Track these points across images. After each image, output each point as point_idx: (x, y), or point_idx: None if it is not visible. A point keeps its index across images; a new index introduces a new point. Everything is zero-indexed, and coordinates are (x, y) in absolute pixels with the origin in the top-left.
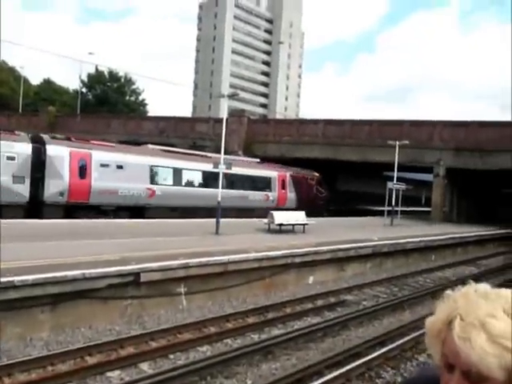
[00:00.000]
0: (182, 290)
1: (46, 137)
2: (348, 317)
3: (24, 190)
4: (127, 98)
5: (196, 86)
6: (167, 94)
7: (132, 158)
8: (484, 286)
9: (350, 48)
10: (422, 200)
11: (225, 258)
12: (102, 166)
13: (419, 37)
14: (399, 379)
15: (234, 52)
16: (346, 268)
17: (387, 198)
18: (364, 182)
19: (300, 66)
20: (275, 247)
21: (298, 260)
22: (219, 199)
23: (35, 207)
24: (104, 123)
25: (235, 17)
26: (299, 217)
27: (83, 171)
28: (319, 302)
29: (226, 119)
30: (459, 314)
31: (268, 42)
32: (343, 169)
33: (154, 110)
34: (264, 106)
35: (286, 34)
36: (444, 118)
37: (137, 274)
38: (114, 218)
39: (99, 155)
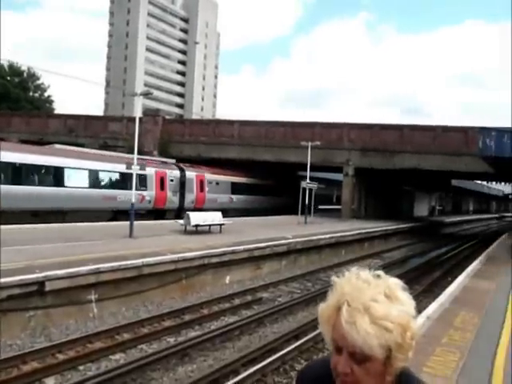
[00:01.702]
0: (93, 297)
1: (183, 166)
2: (264, 314)
3: (176, 200)
4: (31, 94)
5: (108, 84)
6: (76, 91)
7: (222, 177)
8: (364, 273)
9: (266, 51)
10: (334, 198)
11: (139, 262)
12: (210, 183)
13: (330, 45)
14: None
15: (148, 50)
16: (263, 266)
17: (301, 196)
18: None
19: (216, 67)
20: (191, 248)
21: (214, 260)
22: (133, 200)
23: (179, 212)
24: (4, 121)
25: (149, 14)
26: (215, 217)
27: (202, 187)
28: (236, 301)
29: (140, 118)
30: (346, 300)
31: (184, 42)
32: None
33: (61, 107)
34: (180, 105)
35: (202, 34)
36: (353, 121)
37: (41, 283)
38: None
39: (208, 176)
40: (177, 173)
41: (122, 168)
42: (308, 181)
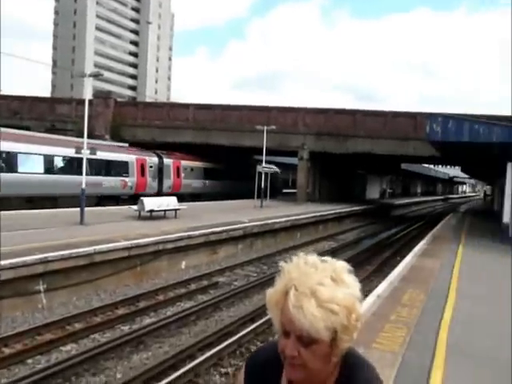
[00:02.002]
0: (41, 287)
1: (160, 153)
2: (220, 298)
3: (156, 185)
4: None
5: (55, 64)
6: (20, 72)
7: (196, 163)
8: (311, 257)
9: (221, 34)
10: (289, 182)
11: (90, 249)
12: (185, 169)
13: (286, 28)
14: None
15: (98, 29)
16: (219, 251)
17: (257, 180)
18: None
19: (170, 49)
20: (145, 234)
21: (169, 246)
22: (83, 186)
23: (158, 195)
24: None
25: None
26: (170, 202)
27: (178, 173)
28: (192, 286)
29: (91, 101)
30: (294, 284)
31: (136, 21)
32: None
33: (4, 89)
34: (133, 88)
35: (155, 14)
36: (307, 105)
37: None
38: (188, 201)
39: (183, 163)
40: (155, 160)
41: (108, 156)
42: (264, 165)
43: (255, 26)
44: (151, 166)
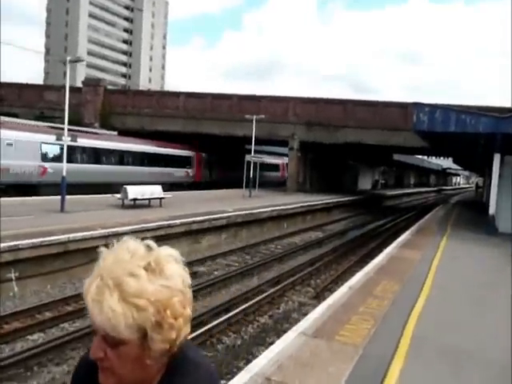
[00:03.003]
0: (13, 275)
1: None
2: (197, 287)
3: (208, 174)
4: None
5: (48, 52)
6: (12, 58)
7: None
8: (135, 243)
9: (217, 23)
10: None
11: (64, 237)
12: (204, 160)
13: (281, 18)
14: (239, 342)
15: (91, 16)
16: (201, 240)
17: (245, 170)
18: None
19: (164, 37)
20: (125, 223)
21: (149, 235)
22: (64, 174)
23: (208, 183)
24: None
25: None
26: (155, 191)
27: (221, 166)
28: None
29: (80, 88)
30: (101, 274)
31: (129, 9)
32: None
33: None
34: (127, 76)
35: (149, 1)
36: (301, 96)
37: None
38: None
39: (203, 156)
40: (206, 155)
41: (174, 152)
42: (253, 154)
43: (251, 16)
44: (205, 160)
